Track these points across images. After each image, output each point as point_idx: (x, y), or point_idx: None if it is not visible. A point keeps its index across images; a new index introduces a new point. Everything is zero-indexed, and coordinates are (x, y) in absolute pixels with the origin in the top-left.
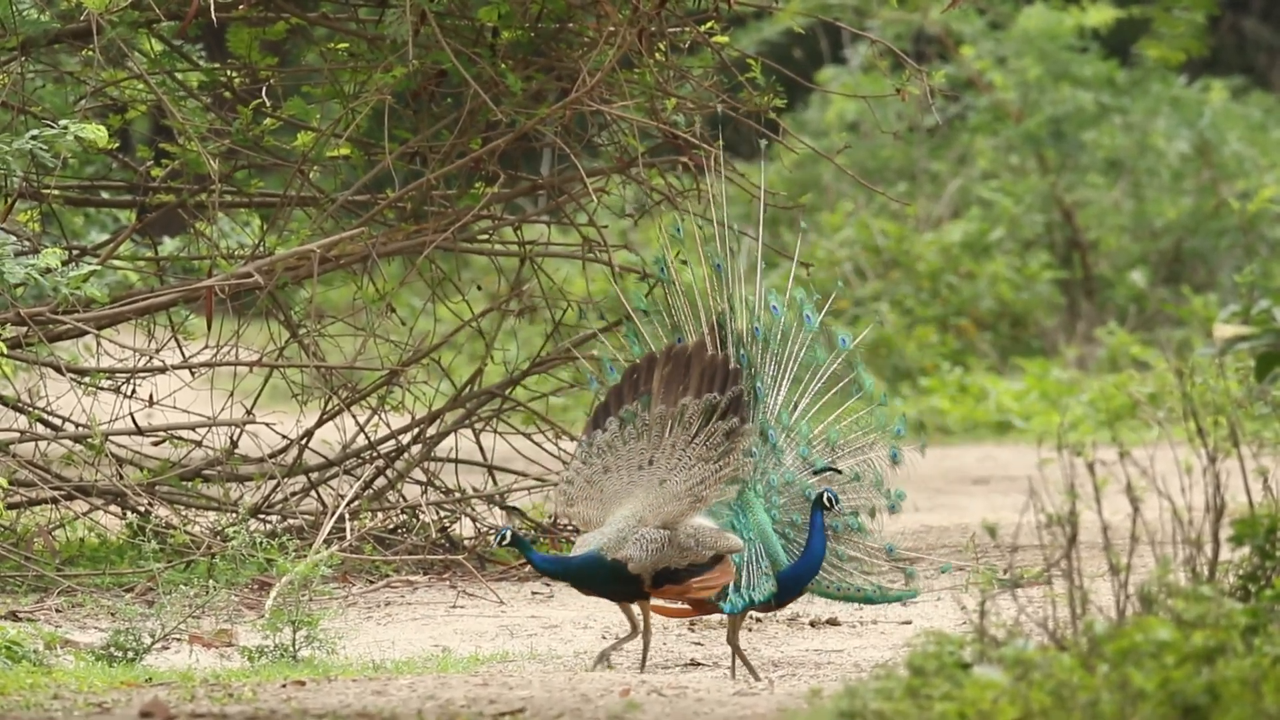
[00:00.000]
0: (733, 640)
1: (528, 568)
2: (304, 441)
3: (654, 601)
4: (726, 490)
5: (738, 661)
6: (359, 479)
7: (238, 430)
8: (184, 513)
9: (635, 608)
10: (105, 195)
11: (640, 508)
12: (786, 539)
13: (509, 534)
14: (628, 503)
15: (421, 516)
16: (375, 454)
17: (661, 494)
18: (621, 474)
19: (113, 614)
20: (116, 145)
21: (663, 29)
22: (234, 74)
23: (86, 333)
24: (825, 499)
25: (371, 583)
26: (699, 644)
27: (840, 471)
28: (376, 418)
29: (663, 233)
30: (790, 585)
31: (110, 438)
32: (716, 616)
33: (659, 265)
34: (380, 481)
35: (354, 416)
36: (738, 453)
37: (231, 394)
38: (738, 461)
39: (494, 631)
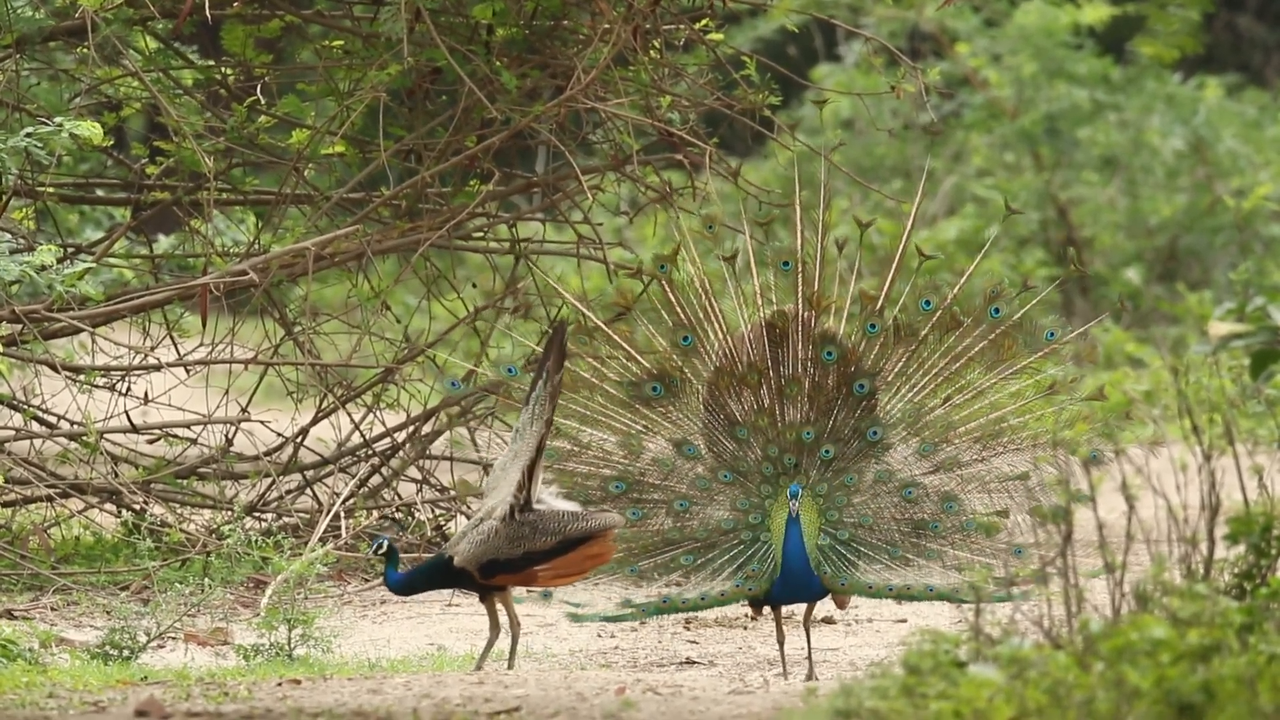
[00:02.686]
0: (780, 636)
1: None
2: (299, 439)
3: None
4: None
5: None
6: (354, 477)
7: (233, 428)
8: (179, 511)
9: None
10: (100, 193)
11: (500, 497)
12: (843, 541)
13: (385, 544)
14: (501, 491)
15: (416, 514)
16: (370, 452)
17: (516, 481)
18: (519, 459)
19: (108, 612)
20: (111, 143)
21: (657, 26)
22: (229, 71)
23: (81, 330)
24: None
25: (367, 581)
26: (694, 643)
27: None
28: (372, 415)
29: (682, 233)
30: (774, 591)
31: (105, 435)
32: (713, 614)
33: (660, 263)
34: (375, 479)
35: (349, 414)
36: (532, 442)
37: (227, 392)
38: (528, 452)
39: None
